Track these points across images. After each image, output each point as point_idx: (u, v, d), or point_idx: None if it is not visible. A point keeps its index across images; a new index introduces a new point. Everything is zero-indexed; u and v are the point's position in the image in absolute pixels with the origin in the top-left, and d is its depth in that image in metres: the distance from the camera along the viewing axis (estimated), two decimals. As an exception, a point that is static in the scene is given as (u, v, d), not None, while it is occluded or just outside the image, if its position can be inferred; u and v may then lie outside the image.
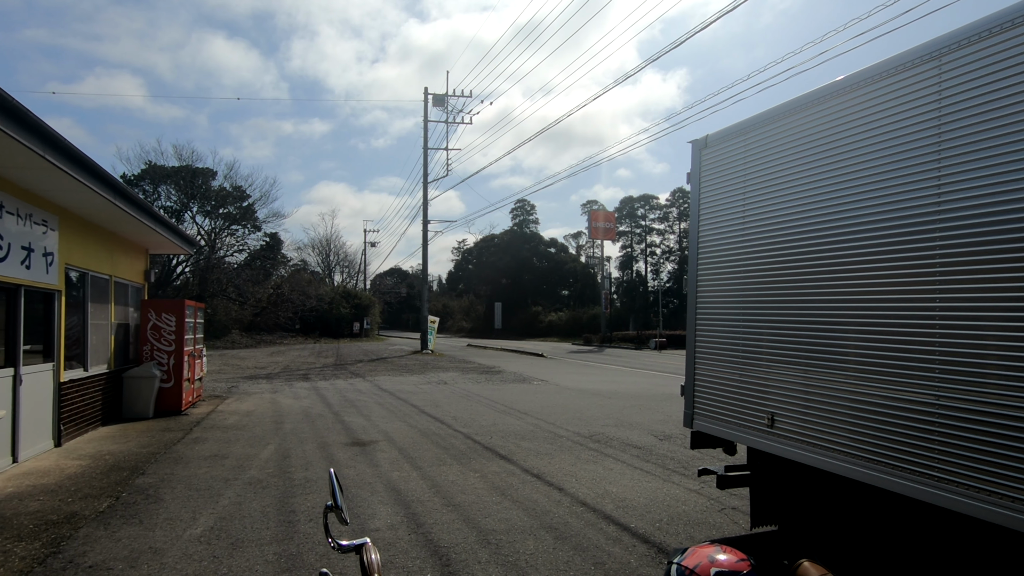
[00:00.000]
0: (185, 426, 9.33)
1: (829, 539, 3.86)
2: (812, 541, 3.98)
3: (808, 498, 4.01)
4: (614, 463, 7.04)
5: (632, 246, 69.27)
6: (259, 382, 16.04)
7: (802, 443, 3.66)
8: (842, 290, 3.47)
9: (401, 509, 5.28)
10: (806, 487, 4.00)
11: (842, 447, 3.39)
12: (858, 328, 3.35)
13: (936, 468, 2.90)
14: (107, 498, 5.56)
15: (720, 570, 1.46)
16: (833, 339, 3.50)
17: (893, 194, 3.20)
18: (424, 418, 10.24)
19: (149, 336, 10.74)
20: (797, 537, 4.13)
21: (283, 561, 4.12)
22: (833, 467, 3.44)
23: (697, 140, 4.84)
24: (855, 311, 3.38)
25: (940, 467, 2.88)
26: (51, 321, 7.67)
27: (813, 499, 3.97)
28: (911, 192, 3.11)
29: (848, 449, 3.36)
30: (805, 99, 3.79)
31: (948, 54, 2.97)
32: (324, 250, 60.66)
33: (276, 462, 6.98)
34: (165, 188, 38.80)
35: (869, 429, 3.25)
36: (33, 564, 4.06)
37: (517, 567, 4.07)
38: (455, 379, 17.10)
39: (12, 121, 4.98)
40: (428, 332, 30.32)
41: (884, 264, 3.23)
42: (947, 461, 2.86)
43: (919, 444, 2.99)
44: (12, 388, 6.66)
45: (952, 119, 2.93)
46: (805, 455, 3.63)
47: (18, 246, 6.65)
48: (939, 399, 2.91)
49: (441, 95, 31.38)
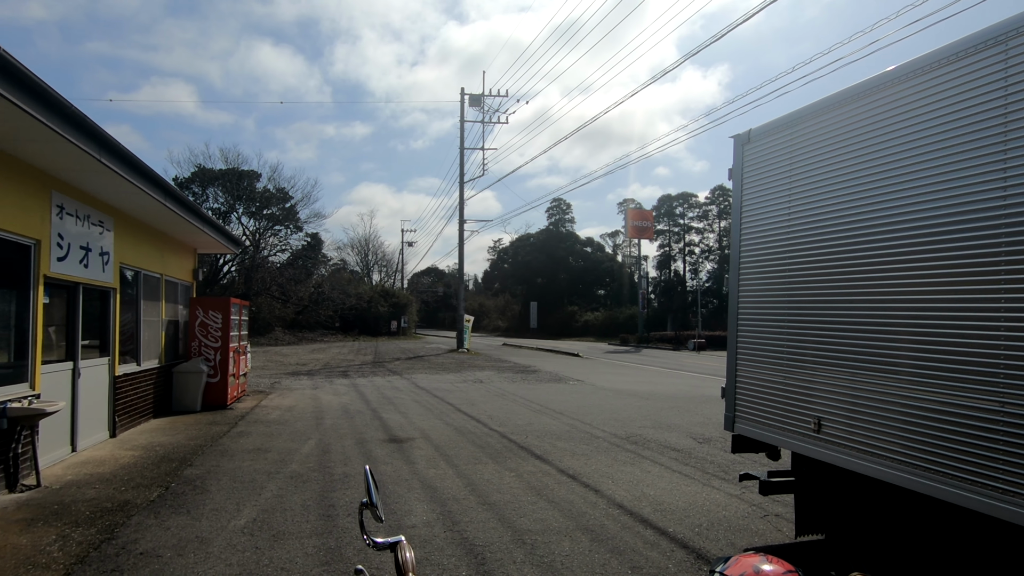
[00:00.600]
0: (230, 420, 9.64)
1: (880, 550, 3.68)
2: (861, 551, 3.80)
3: (858, 507, 3.84)
4: (652, 465, 6.91)
5: (670, 245, 68.06)
6: (300, 378, 16.46)
7: (852, 449, 3.50)
8: (896, 290, 3.29)
9: (437, 507, 5.31)
10: (856, 495, 3.83)
11: (895, 454, 3.23)
12: (914, 330, 3.17)
13: (1000, 479, 2.72)
14: (157, 488, 5.78)
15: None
16: (886, 341, 3.33)
17: (954, 188, 3.02)
18: (460, 416, 10.30)
19: (197, 332, 11.15)
20: (845, 547, 3.96)
21: (322, 554, 4.20)
22: (885, 475, 3.28)
23: (739, 135, 4.69)
24: (910, 312, 3.20)
25: (1004, 478, 2.70)
26: (107, 317, 8.04)
27: (863, 508, 3.79)
28: (974, 186, 2.92)
29: (902, 457, 3.19)
30: (859, 88, 3.62)
31: (1016, 38, 2.78)
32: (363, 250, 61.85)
33: (316, 457, 7.14)
34: (213, 190, 40.28)
35: (925, 436, 3.07)
36: (89, 549, 4.25)
37: (552, 568, 4.03)
38: (491, 378, 17.16)
39: (73, 127, 5.23)
40: (464, 331, 30.53)
41: (943, 262, 3.05)
42: (1012, 472, 2.67)
43: (981, 453, 2.81)
44: (71, 381, 7.01)
45: (1020, 107, 2.74)
46: (855, 462, 3.47)
47: (77, 246, 7.00)
48: (1004, 406, 2.73)
49: (477, 95, 31.54)
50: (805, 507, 4.31)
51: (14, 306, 5.94)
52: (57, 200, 6.53)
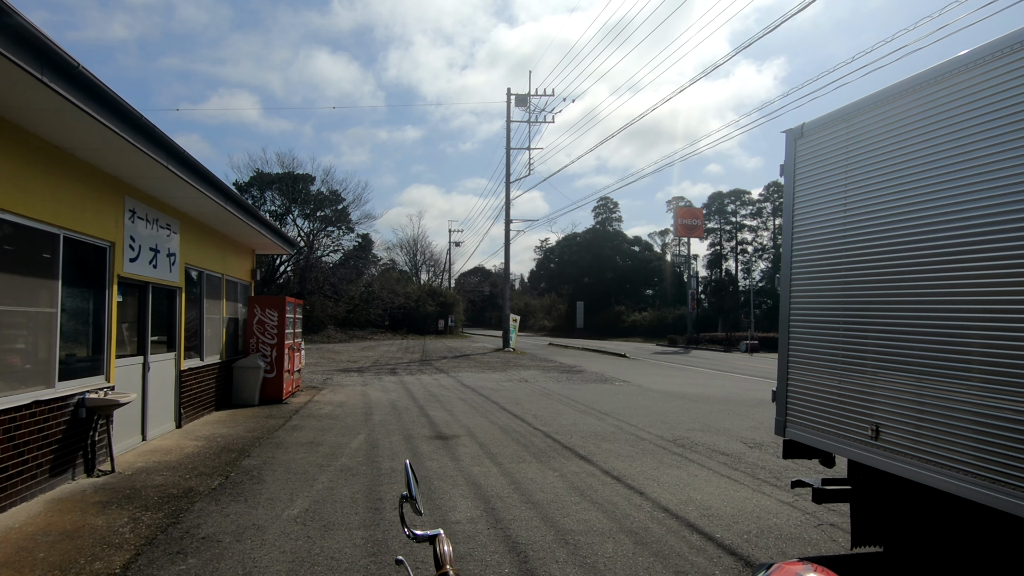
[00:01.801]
0: (285, 414, 10.05)
1: (942, 566, 3.48)
2: (923, 566, 3.60)
3: (920, 519, 3.64)
4: (699, 469, 6.76)
5: (721, 243, 66.16)
6: (351, 375, 16.96)
7: (915, 459, 3.32)
8: (966, 291, 3.10)
9: (481, 503, 5.38)
10: (917, 506, 3.63)
11: (965, 465, 3.04)
12: (990, 332, 2.98)
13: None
14: (218, 476, 6.10)
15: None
16: (953, 344, 3.15)
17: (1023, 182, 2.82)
18: (505, 415, 10.37)
19: (255, 330, 11.67)
20: (905, 560, 3.76)
21: (369, 546, 4.33)
22: (952, 487, 3.09)
23: (792, 129, 4.53)
24: (982, 313, 3.01)
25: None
26: (173, 315, 8.53)
27: (925, 520, 3.59)
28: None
29: (972, 468, 3.00)
30: (921, 78, 3.43)
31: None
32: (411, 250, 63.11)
33: (365, 451, 7.35)
34: (270, 193, 42.03)
35: (997, 446, 2.88)
36: (157, 532, 4.54)
37: (595, 570, 4.01)
38: (536, 377, 17.17)
39: (143, 137, 5.59)
40: (510, 330, 30.66)
41: (1014, 260, 2.85)
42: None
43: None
44: (142, 374, 7.48)
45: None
46: (917, 472, 3.30)
47: (147, 248, 7.46)
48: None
49: (523, 95, 31.61)
50: (862, 517, 4.12)
51: (91, 304, 6.40)
52: (129, 205, 6.98)
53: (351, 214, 45.08)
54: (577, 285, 65.96)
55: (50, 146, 5.48)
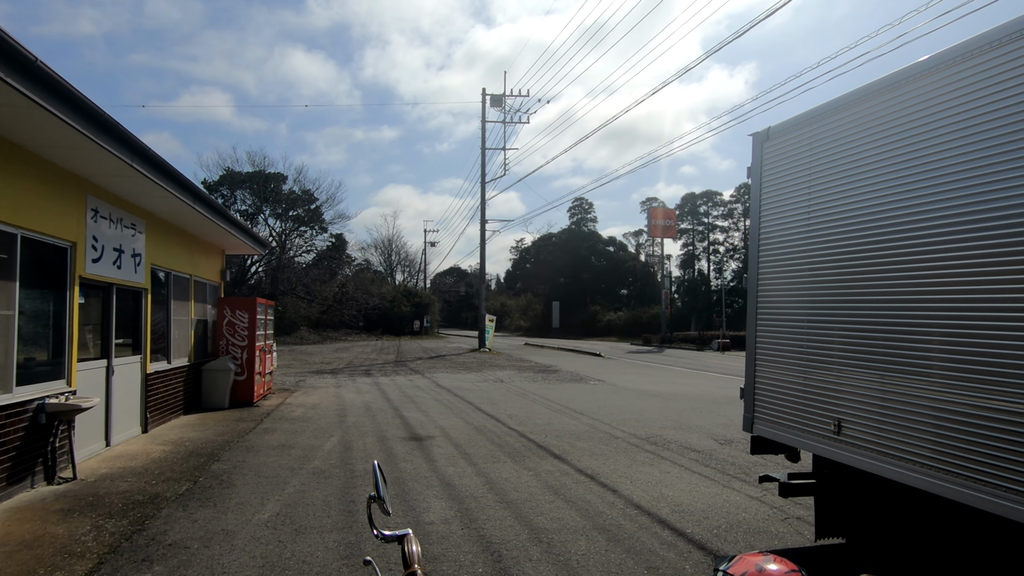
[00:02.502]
0: (256, 417, 9.87)
1: (902, 555, 3.61)
2: (883, 556, 3.74)
3: (879, 510, 3.77)
4: (671, 466, 6.87)
5: (694, 244, 67.22)
6: (324, 377, 16.74)
7: (873, 452, 3.44)
8: (924, 290, 3.22)
9: (455, 504, 5.38)
10: (877, 499, 3.76)
11: (919, 457, 3.16)
12: (945, 330, 3.10)
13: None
14: (186, 482, 5.97)
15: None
16: (913, 343, 3.27)
17: (984, 184, 2.94)
18: (480, 415, 10.37)
19: (225, 332, 11.44)
20: (866, 551, 3.89)
21: (342, 549, 4.29)
22: (908, 479, 3.22)
23: (758, 133, 4.65)
24: (940, 313, 3.13)
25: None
26: (139, 317, 8.31)
27: (885, 512, 3.72)
28: (1006, 181, 2.85)
29: (926, 460, 3.13)
30: (881, 83, 3.55)
31: (1041, 30, 2.71)
32: (386, 250, 62.56)
33: (338, 454, 7.27)
34: (241, 193, 41.18)
35: (954, 440, 3.01)
36: (121, 540, 4.42)
37: (569, 567, 4.05)
38: (511, 377, 17.20)
39: (106, 134, 5.44)
40: (486, 330, 30.64)
41: (974, 261, 2.97)
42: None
43: (1013, 459, 2.74)
44: (105, 378, 7.27)
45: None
46: (877, 465, 3.42)
47: (111, 248, 7.25)
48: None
49: (498, 95, 31.63)
50: (825, 510, 4.25)
51: (52, 306, 6.19)
52: (92, 204, 6.78)
53: (324, 214, 44.50)
54: (553, 285, 66.26)
55: (8, 143, 5.29)
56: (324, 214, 44.44)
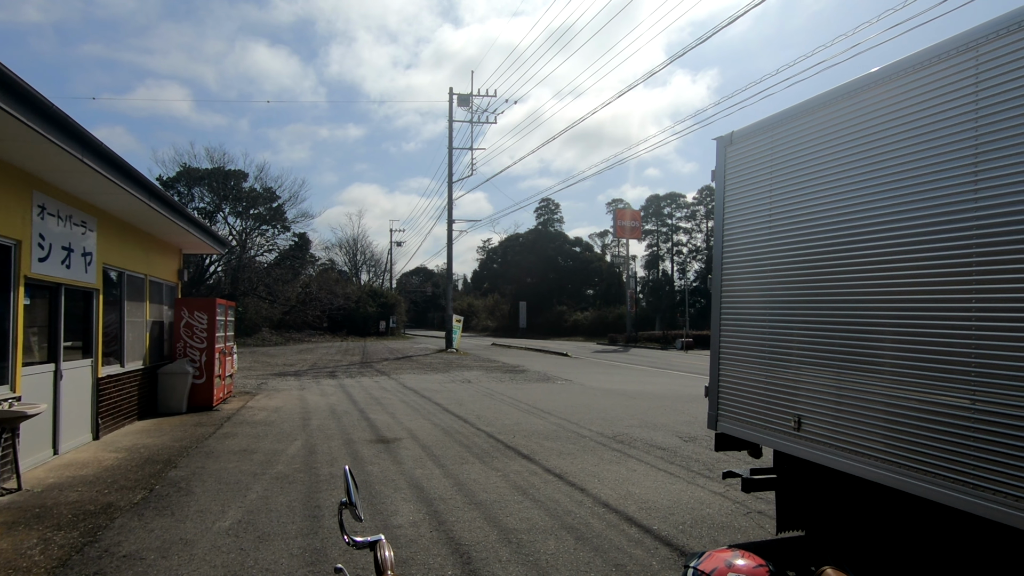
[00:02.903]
0: (216, 421, 9.57)
1: (858, 545, 3.75)
2: (840, 547, 3.87)
3: (836, 503, 3.91)
4: (638, 464, 6.97)
5: (658, 245, 68.48)
6: (288, 379, 16.36)
7: (831, 447, 3.56)
8: (875, 290, 3.36)
9: (423, 506, 5.33)
10: (834, 492, 3.90)
11: (874, 452, 3.29)
12: (893, 329, 3.24)
13: (972, 475, 2.79)
14: (141, 490, 5.74)
15: (737, 575, 1.43)
16: (866, 340, 3.40)
17: (928, 190, 3.09)
18: (448, 416, 10.31)
19: (182, 333, 11.05)
20: (825, 543, 4.03)
21: (307, 555, 4.20)
22: (863, 472, 3.34)
23: (722, 137, 4.76)
24: (889, 311, 3.27)
25: (977, 474, 2.78)
26: (90, 319, 7.95)
27: (842, 504, 3.86)
28: (947, 188, 2.99)
29: (880, 454, 3.26)
30: (836, 93, 3.68)
31: (986, 44, 2.86)
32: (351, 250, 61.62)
33: (303, 458, 7.11)
34: (199, 190, 39.88)
35: (903, 433, 3.14)
36: (71, 552, 4.21)
37: (538, 566, 4.06)
38: (479, 378, 17.16)
39: (53, 127, 5.17)
40: (453, 331, 30.49)
41: (919, 262, 3.12)
42: (984, 468, 2.75)
43: (955, 450, 2.88)
44: (53, 383, 6.93)
45: (990, 112, 2.82)
46: (834, 459, 3.54)
47: (59, 246, 6.91)
48: (975, 403, 2.81)
49: (466, 95, 31.52)
50: (786, 504, 4.38)
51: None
52: (39, 200, 6.45)
53: (287, 212, 43.50)
54: (520, 285, 66.42)
55: (-56, 134, 4.99)
56: (287, 213, 43.48)
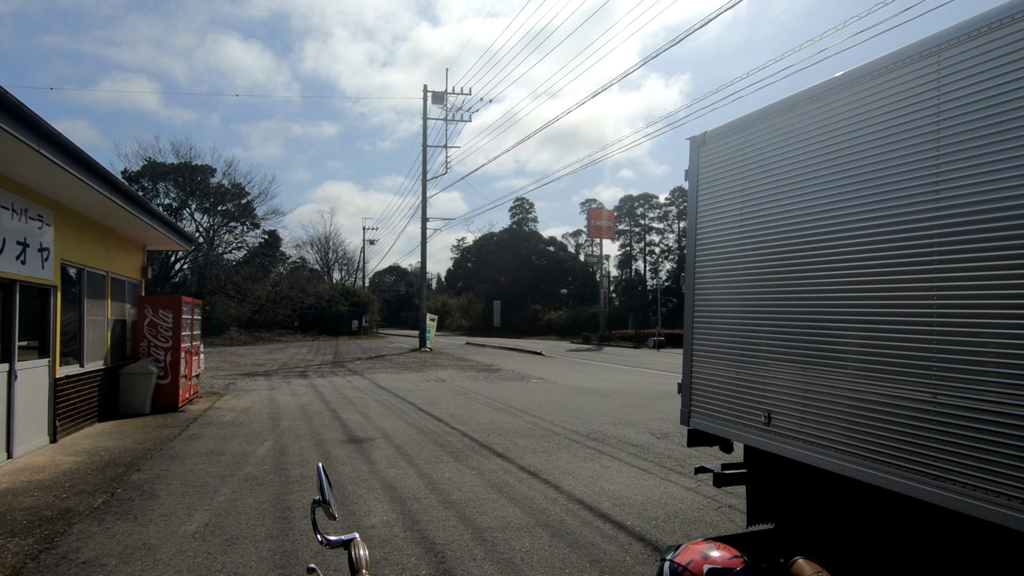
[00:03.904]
0: (182, 423, 9.30)
1: (826, 537, 3.85)
2: (809, 539, 3.97)
3: (805, 496, 4.00)
4: (611, 461, 7.03)
5: (631, 245, 69.27)
6: (257, 379, 16.01)
7: (799, 441, 3.64)
8: (841, 288, 3.45)
9: (397, 506, 5.27)
10: (803, 485, 3.99)
11: (839, 445, 3.38)
12: (857, 326, 3.33)
13: (934, 467, 2.89)
14: (102, 494, 5.53)
15: (713, 567, 1.44)
16: (831, 337, 3.48)
17: (891, 191, 3.18)
18: (421, 416, 10.22)
19: (146, 332, 10.71)
20: (794, 535, 4.12)
21: (277, 558, 4.10)
22: (830, 465, 3.43)
23: (695, 137, 4.82)
24: (854, 309, 3.36)
25: (938, 465, 2.87)
26: (47, 317, 7.64)
27: (810, 497, 3.95)
28: (910, 189, 3.08)
29: (845, 447, 3.34)
30: (804, 95, 3.76)
31: (947, 50, 2.95)
32: (323, 248, 60.65)
33: (272, 459, 6.96)
34: (164, 185, 38.73)
35: (867, 427, 3.23)
36: (26, 560, 4.04)
37: (512, 565, 4.05)
38: (453, 377, 17.08)
39: (7, 114, 4.94)
40: (427, 330, 30.29)
41: (883, 261, 3.21)
42: (945, 460, 2.84)
43: (917, 442, 2.97)
44: (7, 384, 6.63)
45: (951, 115, 2.91)
46: (802, 453, 3.62)
47: (13, 241, 6.62)
48: (936, 397, 2.90)
49: (440, 92, 31.33)
50: (756, 498, 4.47)
51: (-58, 304, 5.58)
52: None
53: (256, 209, 42.60)
54: (494, 284, 66.36)
55: None
56: (256, 209, 42.59)
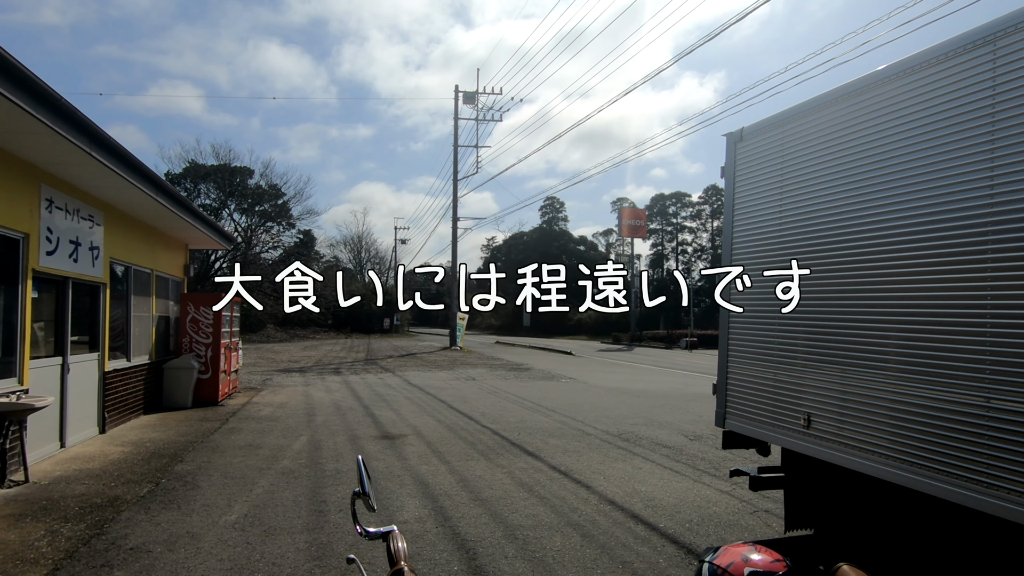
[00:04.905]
0: (221, 416, 9.59)
1: (868, 544, 3.72)
2: (850, 546, 3.84)
3: (846, 502, 3.88)
4: (643, 462, 6.95)
5: (663, 244, 68.31)
6: (292, 375, 16.39)
7: (840, 445, 3.53)
8: (884, 289, 3.32)
9: (429, 502, 5.32)
10: (844, 490, 3.87)
11: (883, 450, 3.26)
12: (901, 328, 3.21)
13: (986, 473, 2.76)
14: (148, 484, 5.75)
15: (754, 570, 1.41)
16: (874, 338, 3.37)
17: (942, 187, 3.05)
18: (452, 413, 10.30)
19: (188, 328, 11.08)
20: (834, 541, 4.00)
21: (313, 549, 4.19)
22: (873, 470, 3.31)
23: (732, 133, 4.72)
24: (898, 310, 3.24)
25: (990, 472, 2.74)
26: (96, 313, 7.97)
27: (852, 503, 3.83)
28: (963, 185, 2.95)
29: (889, 452, 3.23)
30: (849, 88, 3.64)
31: (1004, 38, 2.81)
32: (356, 247, 61.64)
33: (308, 453, 7.12)
34: (204, 186, 39.99)
35: (912, 432, 3.11)
36: (78, 544, 4.22)
37: (544, 563, 4.05)
38: (483, 375, 17.16)
39: (62, 120, 5.18)
40: (457, 329, 30.50)
41: (931, 261, 3.08)
42: (1000, 467, 2.71)
43: (968, 448, 2.85)
44: (60, 376, 6.95)
45: (1007, 107, 2.78)
46: (843, 457, 3.51)
47: (66, 240, 6.93)
48: (990, 401, 2.77)
49: (471, 92, 31.50)
50: (794, 502, 4.35)
51: (2, 300, 5.88)
52: (46, 194, 6.46)
53: (292, 209, 43.59)
54: (524, 284, 66.22)
55: (-47, 127, 5.00)
56: (292, 209, 43.57)
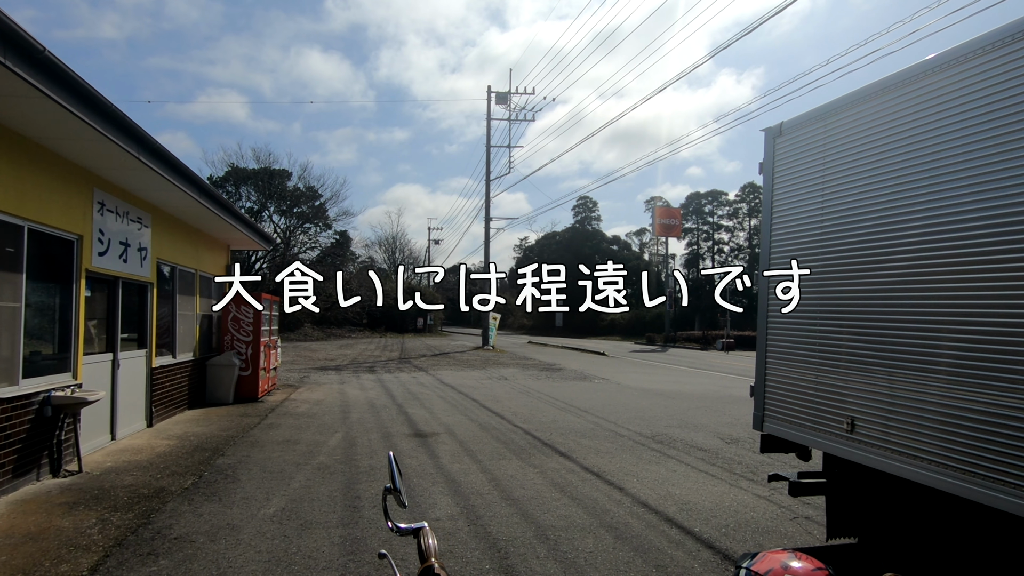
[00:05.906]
0: (261, 412, 9.87)
1: (916, 556, 3.56)
2: (896, 556, 3.69)
3: (893, 510, 3.72)
4: (678, 465, 6.83)
5: (699, 243, 67.03)
6: (328, 373, 16.74)
7: (887, 450, 3.39)
8: (935, 288, 3.17)
9: (460, 500, 5.34)
10: (891, 498, 3.71)
11: (934, 456, 3.11)
12: (956, 329, 3.05)
13: (1046, 484, 2.60)
14: (191, 476, 5.95)
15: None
16: (926, 341, 3.21)
17: (998, 182, 2.89)
18: (484, 412, 10.34)
19: (230, 327, 11.43)
20: (879, 551, 3.84)
21: (348, 544, 4.26)
22: (923, 478, 3.17)
23: (771, 128, 4.59)
24: (950, 312, 3.08)
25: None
26: (144, 311, 8.31)
27: (899, 511, 3.67)
28: (1018, 179, 2.79)
29: (941, 459, 3.08)
30: (896, 78, 3.49)
31: (1067, 22, 2.65)
32: (390, 247, 62.52)
33: (343, 450, 7.25)
34: (246, 189, 41.24)
35: (966, 438, 2.96)
36: (127, 532, 4.40)
37: (575, 565, 4.01)
38: (515, 375, 17.17)
39: (113, 126, 5.41)
40: (490, 329, 30.62)
41: (986, 260, 2.92)
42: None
43: (1019, 455, 2.69)
44: (111, 372, 7.27)
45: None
46: (890, 463, 3.36)
47: (117, 242, 7.24)
48: (1051, 407, 2.61)
49: (504, 93, 31.56)
50: (837, 509, 4.20)
51: (58, 299, 6.18)
52: (98, 197, 6.76)
53: (328, 211, 44.50)
54: (556, 284, 65.99)
55: (13, 133, 5.28)
56: (328, 211, 44.48)
